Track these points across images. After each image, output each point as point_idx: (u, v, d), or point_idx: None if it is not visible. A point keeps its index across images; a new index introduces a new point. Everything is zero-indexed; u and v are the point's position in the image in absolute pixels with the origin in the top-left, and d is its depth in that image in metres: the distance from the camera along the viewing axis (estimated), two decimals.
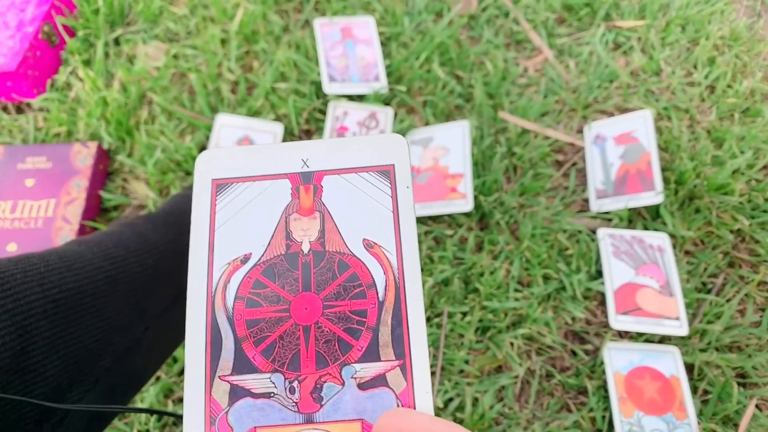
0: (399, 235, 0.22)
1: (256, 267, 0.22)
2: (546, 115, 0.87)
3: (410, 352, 0.20)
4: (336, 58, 0.89)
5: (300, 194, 0.23)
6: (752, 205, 0.77)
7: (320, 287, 0.21)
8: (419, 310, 0.21)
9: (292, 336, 0.21)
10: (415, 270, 0.21)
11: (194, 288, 0.21)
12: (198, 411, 0.20)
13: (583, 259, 0.73)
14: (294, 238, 0.22)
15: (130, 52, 0.91)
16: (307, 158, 0.23)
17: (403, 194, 0.23)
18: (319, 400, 0.20)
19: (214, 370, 0.20)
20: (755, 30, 0.95)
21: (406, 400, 0.20)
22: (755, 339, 0.69)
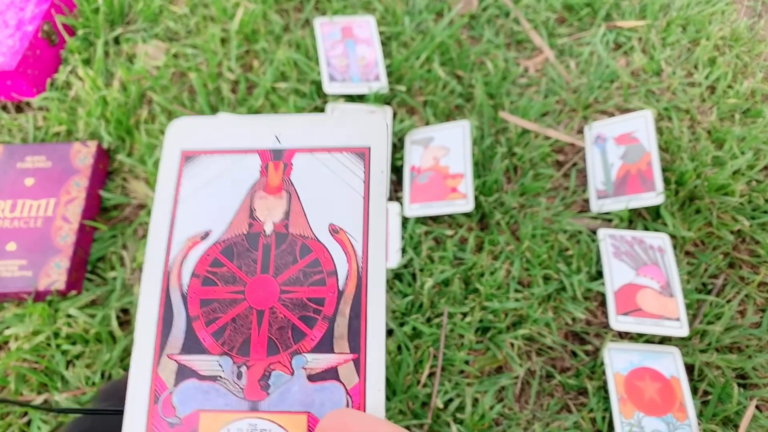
0: (367, 223, 0.21)
1: (215, 245, 0.21)
2: (546, 115, 0.87)
3: (366, 347, 0.19)
4: (336, 58, 0.89)
5: (269, 171, 0.22)
6: (753, 205, 0.77)
7: (279, 270, 0.20)
8: (380, 303, 0.20)
9: (245, 319, 0.20)
10: (380, 260, 0.20)
11: (151, 261, 0.21)
12: (143, 387, 0.19)
13: (583, 260, 0.73)
14: (257, 216, 0.21)
15: (130, 51, 0.90)
16: (280, 134, 0.22)
17: (377, 179, 0.21)
18: (266, 388, 0.19)
19: (162, 347, 0.20)
20: (756, 30, 0.95)
21: (356, 397, 0.19)
22: (755, 340, 0.69)
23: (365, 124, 0.22)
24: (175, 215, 0.21)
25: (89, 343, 0.66)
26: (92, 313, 0.68)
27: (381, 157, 0.22)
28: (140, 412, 0.19)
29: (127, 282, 0.71)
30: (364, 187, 0.21)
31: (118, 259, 0.73)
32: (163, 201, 0.21)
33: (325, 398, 0.19)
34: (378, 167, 0.22)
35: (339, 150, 0.22)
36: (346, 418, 0.17)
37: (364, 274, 0.20)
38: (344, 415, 0.17)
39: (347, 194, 0.21)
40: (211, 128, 0.22)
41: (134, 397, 0.19)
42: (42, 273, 0.68)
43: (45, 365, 0.65)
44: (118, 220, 0.77)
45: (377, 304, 0.20)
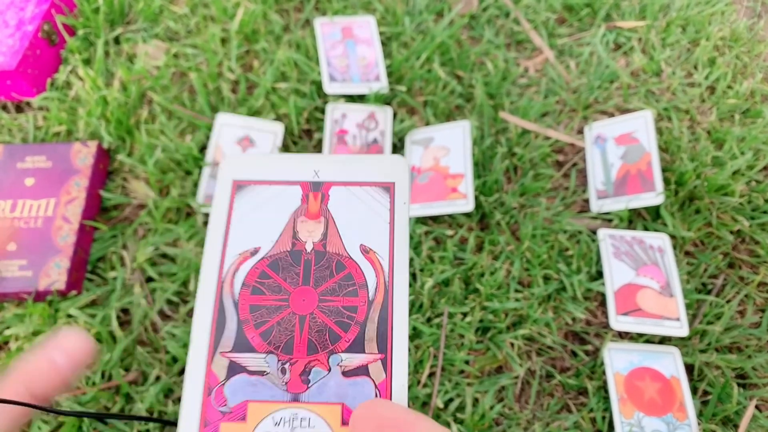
0: (393, 245, 0.24)
1: (263, 260, 0.24)
2: (546, 115, 0.87)
3: (392, 348, 0.22)
4: (337, 58, 0.89)
5: (309, 200, 0.25)
6: (752, 206, 0.77)
7: (318, 283, 0.24)
8: (404, 312, 0.23)
9: (288, 323, 0.23)
10: (404, 276, 0.24)
11: (206, 273, 0.24)
12: (198, 381, 0.22)
13: (583, 260, 0.73)
14: (299, 237, 0.25)
15: (130, 51, 0.90)
16: (319, 170, 0.26)
17: (400, 209, 0.25)
18: (306, 382, 0.22)
19: (216, 346, 0.23)
20: (755, 31, 0.95)
21: (383, 391, 0.22)
22: (755, 340, 0.69)
23: (390, 163, 0.26)
24: (228, 234, 0.25)
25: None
26: (92, 313, 0.68)
27: (404, 191, 0.26)
28: (195, 402, 0.22)
29: (127, 282, 0.71)
30: (390, 216, 0.25)
31: (118, 259, 0.73)
32: (217, 222, 0.25)
33: (357, 392, 0.22)
34: (401, 199, 0.25)
35: (368, 184, 0.26)
36: (377, 406, 0.20)
37: (390, 287, 0.23)
38: (376, 404, 0.20)
39: (375, 221, 0.25)
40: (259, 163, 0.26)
41: (190, 389, 0.22)
42: (42, 273, 0.68)
43: None
44: (118, 220, 0.77)
45: (401, 312, 0.23)
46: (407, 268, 0.24)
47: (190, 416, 0.21)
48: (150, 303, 0.70)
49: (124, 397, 0.64)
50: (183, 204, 0.76)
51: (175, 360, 0.66)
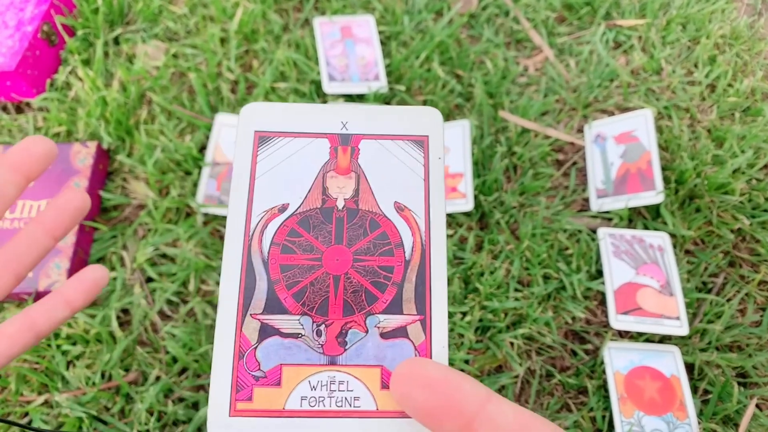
0: (428, 202, 0.23)
1: (292, 217, 0.23)
2: (546, 114, 0.87)
3: (431, 309, 0.22)
4: (336, 58, 0.89)
5: (338, 154, 0.24)
6: (753, 204, 0.77)
7: (352, 242, 0.23)
8: (442, 272, 0.22)
9: (322, 283, 0.22)
10: (441, 235, 0.23)
11: (232, 231, 0.23)
12: (228, 345, 0.21)
13: (583, 259, 0.73)
14: (330, 194, 0.23)
15: (130, 51, 0.91)
16: (347, 121, 0.24)
17: (435, 164, 0.24)
18: (343, 344, 0.21)
19: (246, 308, 0.21)
20: (756, 29, 0.95)
21: (423, 352, 0.21)
22: (756, 338, 0.69)
23: (425, 115, 0.25)
24: (253, 190, 0.23)
25: (89, 343, 0.67)
26: (92, 313, 0.68)
27: (438, 145, 0.24)
28: (227, 367, 0.21)
29: (128, 282, 0.71)
30: (424, 171, 0.24)
31: (118, 260, 0.73)
32: (241, 176, 0.23)
33: (396, 353, 0.21)
34: (436, 154, 0.24)
35: (401, 137, 0.24)
36: (420, 365, 0.19)
37: (427, 247, 0.22)
38: (418, 362, 0.19)
39: (409, 177, 0.24)
40: (282, 113, 0.25)
41: (221, 353, 0.21)
42: (42, 273, 0.68)
43: (45, 366, 0.65)
44: (118, 220, 0.77)
45: (440, 272, 0.22)
46: (444, 226, 0.23)
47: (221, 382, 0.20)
48: (150, 303, 0.70)
49: (124, 397, 0.64)
50: (183, 204, 0.76)
51: (175, 360, 0.66)
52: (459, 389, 0.18)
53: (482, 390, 0.18)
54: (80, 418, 0.62)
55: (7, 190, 0.28)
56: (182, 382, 0.65)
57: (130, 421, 0.63)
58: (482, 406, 0.17)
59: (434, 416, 0.18)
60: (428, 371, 0.19)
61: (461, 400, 0.17)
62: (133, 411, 0.63)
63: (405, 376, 0.19)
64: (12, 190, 0.28)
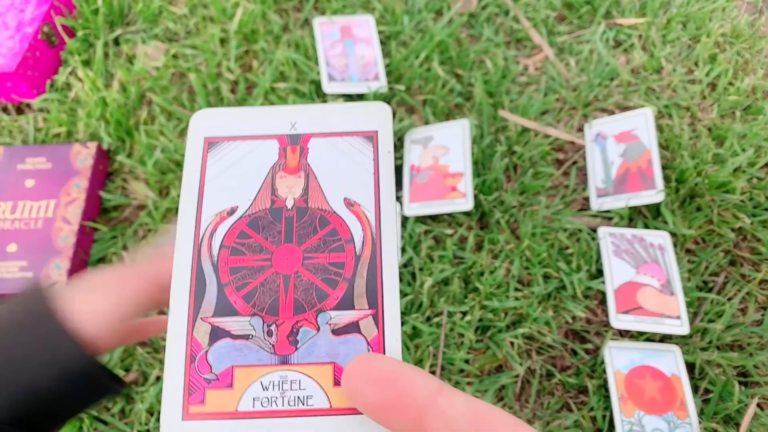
0: (378, 196, 0.23)
1: (241, 219, 0.23)
2: (546, 113, 0.86)
3: (383, 303, 0.21)
4: (335, 57, 0.89)
5: (287, 154, 0.24)
6: (753, 203, 0.77)
7: (301, 240, 0.23)
8: (393, 265, 0.22)
9: (272, 283, 0.22)
10: (391, 228, 0.23)
11: (182, 236, 0.23)
12: (179, 349, 0.21)
13: (583, 258, 0.73)
14: (279, 194, 0.23)
15: (130, 52, 0.91)
16: (295, 122, 0.25)
17: (384, 158, 0.24)
18: (294, 343, 0.21)
19: (197, 312, 0.21)
20: (756, 27, 0.95)
21: (376, 346, 0.21)
22: (756, 338, 0.68)
23: (372, 110, 0.25)
24: (203, 194, 0.23)
25: None
26: None
27: (387, 139, 0.24)
28: (178, 370, 0.21)
29: None
30: (374, 166, 0.24)
31: (118, 260, 0.73)
32: (190, 182, 0.24)
33: (349, 349, 0.21)
34: (385, 148, 0.24)
35: (350, 134, 0.24)
36: (371, 360, 0.19)
37: (378, 241, 0.22)
38: (369, 358, 0.19)
39: (359, 172, 0.24)
40: (231, 117, 0.25)
41: (172, 358, 0.21)
42: (42, 274, 0.68)
43: None
44: (118, 220, 0.77)
45: (391, 266, 0.22)
46: (395, 219, 0.23)
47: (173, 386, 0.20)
48: None
49: (124, 398, 0.64)
50: None
51: None
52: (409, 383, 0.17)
53: (433, 383, 0.17)
54: (80, 417, 0.62)
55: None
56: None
57: (131, 421, 0.63)
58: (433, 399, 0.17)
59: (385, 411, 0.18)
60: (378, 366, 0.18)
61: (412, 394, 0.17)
62: (133, 411, 0.63)
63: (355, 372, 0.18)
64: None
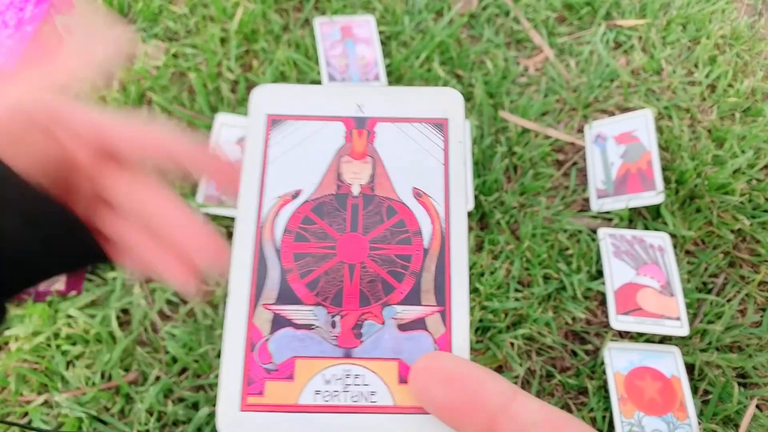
0: (448, 188, 0.22)
1: (306, 203, 0.22)
2: (546, 114, 0.86)
3: (450, 300, 0.21)
4: (336, 57, 0.88)
5: (353, 138, 0.23)
6: (753, 204, 0.77)
7: (367, 229, 0.22)
8: (463, 261, 0.21)
9: (337, 273, 0.21)
10: (461, 222, 0.22)
11: (243, 218, 0.22)
12: (239, 337, 0.20)
13: (583, 259, 0.73)
14: (344, 179, 0.22)
15: (130, 51, 0.90)
16: (362, 104, 0.23)
17: (455, 148, 0.23)
18: (359, 336, 0.20)
19: (257, 298, 0.21)
20: (756, 29, 0.95)
21: (443, 345, 0.20)
22: (756, 339, 0.69)
23: (443, 96, 0.24)
24: (265, 175, 0.22)
25: (89, 343, 0.66)
26: (92, 313, 0.68)
27: (458, 129, 0.23)
28: (237, 359, 0.20)
29: (127, 282, 0.71)
30: (444, 156, 0.23)
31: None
32: (252, 161, 0.22)
33: (414, 346, 0.20)
34: (456, 138, 0.23)
35: (419, 120, 0.23)
36: (440, 359, 0.18)
37: (447, 235, 0.21)
38: (438, 356, 0.19)
39: (428, 161, 0.23)
40: (294, 95, 0.24)
41: (231, 345, 0.20)
42: None
43: (45, 366, 0.65)
44: None
45: (460, 261, 0.21)
46: (465, 213, 0.22)
47: (231, 375, 0.20)
48: (150, 303, 0.70)
49: (124, 398, 0.64)
50: None
51: (175, 360, 0.66)
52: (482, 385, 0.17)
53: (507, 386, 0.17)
54: (80, 418, 0.62)
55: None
56: (182, 382, 0.65)
57: (130, 421, 0.63)
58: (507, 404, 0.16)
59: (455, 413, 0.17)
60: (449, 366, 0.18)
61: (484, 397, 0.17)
62: (133, 411, 0.63)
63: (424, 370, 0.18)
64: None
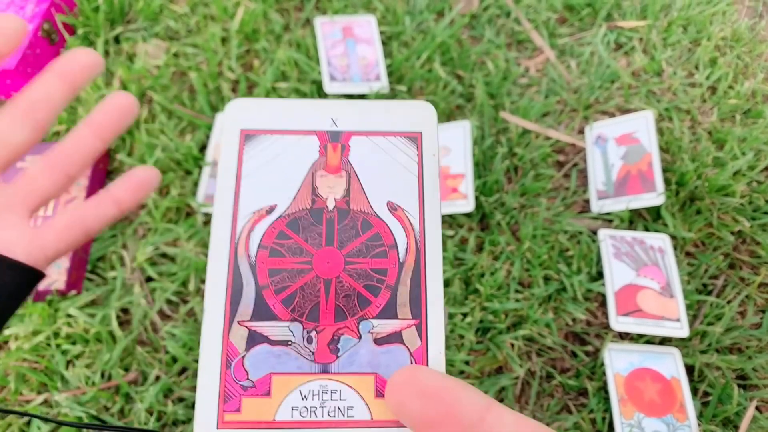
0: (423, 201, 0.22)
1: (281, 219, 0.22)
2: (547, 115, 0.86)
3: (427, 313, 0.21)
4: (337, 57, 0.88)
5: (327, 152, 0.23)
6: (753, 206, 0.77)
7: (343, 244, 0.22)
8: (438, 274, 0.21)
9: (312, 288, 0.21)
10: (436, 235, 0.22)
11: (218, 235, 0.22)
12: (215, 354, 0.20)
13: (583, 260, 0.73)
14: (319, 194, 0.22)
15: (130, 50, 0.90)
16: (337, 117, 0.23)
17: (429, 161, 0.23)
18: (335, 351, 0.20)
19: (233, 315, 0.21)
20: (757, 31, 0.95)
21: (419, 358, 0.20)
22: (755, 341, 0.69)
23: (417, 111, 0.24)
24: (239, 190, 0.22)
25: (89, 342, 0.66)
26: (92, 312, 0.68)
27: (432, 142, 0.23)
28: (213, 376, 0.20)
29: (127, 282, 0.71)
30: (418, 169, 0.23)
31: (118, 259, 0.73)
32: (226, 176, 0.22)
33: (391, 360, 0.20)
34: (430, 151, 0.23)
35: (393, 134, 0.23)
36: (416, 372, 0.18)
37: (422, 248, 0.22)
38: (414, 370, 0.19)
39: (403, 175, 0.23)
40: (269, 109, 0.24)
41: (207, 363, 0.20)
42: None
43: (45, 365, 0.65)
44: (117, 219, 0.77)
45: (435, 274, 0.21)
46: (440, 226, 0.22)
47: (208, 392, 0.19)
48: (150, 303, 0.70)
49: (124, 397, 0.64)
50: (183, 204, 0.76)
51: (175, 360, 0.66)
52: (457, 399, 0.17)
53: (482, 399, 0.17)
54: (80, 417, 0.62)
55: (55, 98, 0.26)
56: (182, 382, 0.65)
57: (130, 420, 0.63)
58: (482, 417, 0.17)
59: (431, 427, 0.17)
60: (425, 379, 0.18)
61: (460, 410, 0.17)
62: (133, 411, 0.63)
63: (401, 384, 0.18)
64: (59, 98, 0.26)
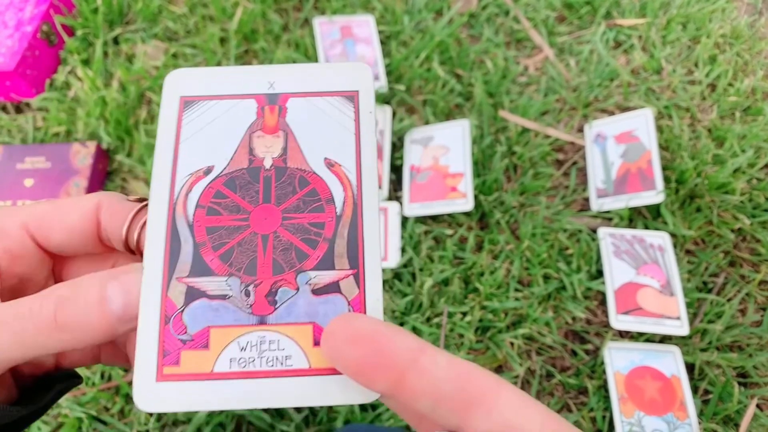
0: (360, 156, 0.23)
1: (218, 179, 0.23)
2: (546, 113, 0.86)
3: (364, 263, 0.21)
4: (336, 57, 0.88)
5: (265, 114, 0.24)
6: (753, 204, 0.77)
7: (280, 200, 0.22)
8: (374, 225, 0.22)
9: (250, 243, 0.21)
10: (373, 188, 0.22)
11: (156, 196, 0.22)
12: (153, 310, 0.20)
13: (583, 259, 0.73)
14: (256, 153, 0.23)
15: (129, 51, 0.90)
16: (274, 81, 0.24)
17: (366, 119, 0.24)
18: (273, 303, 0.21)
19: (171, 272, 0.21)
20: (756, 28, 0.95)
21: (357, 306, 0.21)
22: (756, 338, 0.68)
23: (352, 70, 0.24)
24: (178, 154, 0.23)
25: None
26: None
27: (369, 100, 0.24)
28: (152, 332, 0.20)
29: None
30: (355, 126, 0.23)
31: None
32: (165, 141, 0.23)
33: (329, 309, 0.20)
34: (366, 108, 0.24)
35: (330, 94, 0.24)
36: (351, 319, 0.19)
37: (359, 201, 0.22)
38: (349, 317, 0.19)
39: (340, 133, 0.23)
40: (208, 77, 0.24)
41: (146, 319, 0.20)
42: None
43: None
44: None
45: (372, 226, 0.22)
46: (376, 180, 0.23)
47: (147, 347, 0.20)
48: None
49: (124, 398, 0.64)
50: None
51: None
52: (390, 342, 0.17)
53: (415, 342, 0.17)
54: (80, 418, 0.62)
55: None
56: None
57: (130, 421, 0.63)
58: (415, 358, 0.17)
59: (365, 371, 0.17)
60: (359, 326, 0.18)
61: (393, 353, 0.17)
62: (133, 411, 0.63)
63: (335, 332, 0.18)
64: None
